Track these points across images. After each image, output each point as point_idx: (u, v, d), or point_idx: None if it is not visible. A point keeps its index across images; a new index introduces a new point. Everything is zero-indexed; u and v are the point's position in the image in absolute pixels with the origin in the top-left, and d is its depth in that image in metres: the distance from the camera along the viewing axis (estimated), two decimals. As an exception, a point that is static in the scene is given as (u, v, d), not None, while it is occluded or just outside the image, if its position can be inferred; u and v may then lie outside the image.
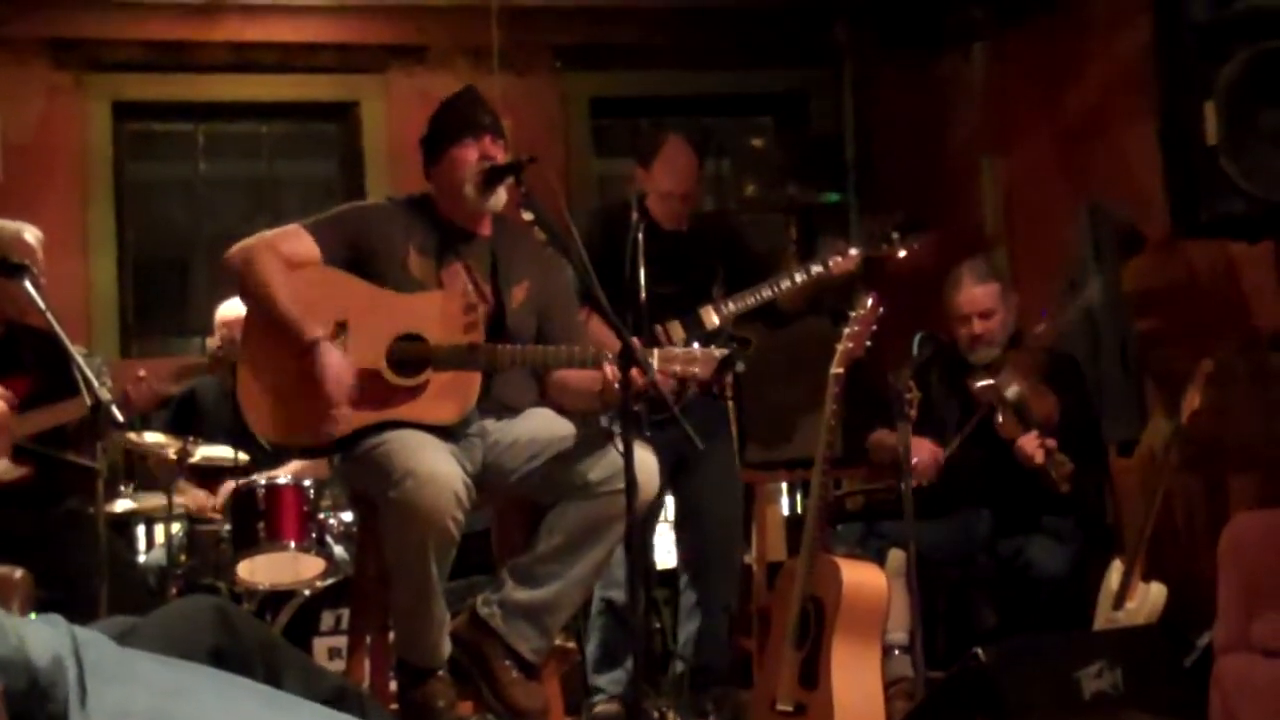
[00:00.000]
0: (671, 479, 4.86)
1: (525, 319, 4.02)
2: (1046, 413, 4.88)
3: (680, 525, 5.26)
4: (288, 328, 3.78)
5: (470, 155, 3.94)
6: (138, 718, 1.43)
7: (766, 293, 4.93)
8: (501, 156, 3.97)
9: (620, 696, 4.92)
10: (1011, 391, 4.83)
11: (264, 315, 3.86)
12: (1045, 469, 4.73)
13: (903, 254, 5.10)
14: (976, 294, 5.06)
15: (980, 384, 4.93)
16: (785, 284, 4.95)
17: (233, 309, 5.43)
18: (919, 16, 7.18)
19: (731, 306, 4.93)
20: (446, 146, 3.98)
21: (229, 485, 5.38)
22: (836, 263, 5.01)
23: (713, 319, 4.91)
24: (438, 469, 3.56)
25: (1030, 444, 4.76)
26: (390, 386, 3.78)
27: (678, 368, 3.70)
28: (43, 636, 1.46)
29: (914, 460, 4.81)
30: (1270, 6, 4.22)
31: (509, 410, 3.94)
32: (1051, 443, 4.75)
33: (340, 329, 3.81)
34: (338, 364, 3.75)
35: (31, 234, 4.74)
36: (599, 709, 4.95)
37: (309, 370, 3.75)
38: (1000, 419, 4.85)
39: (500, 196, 3.98)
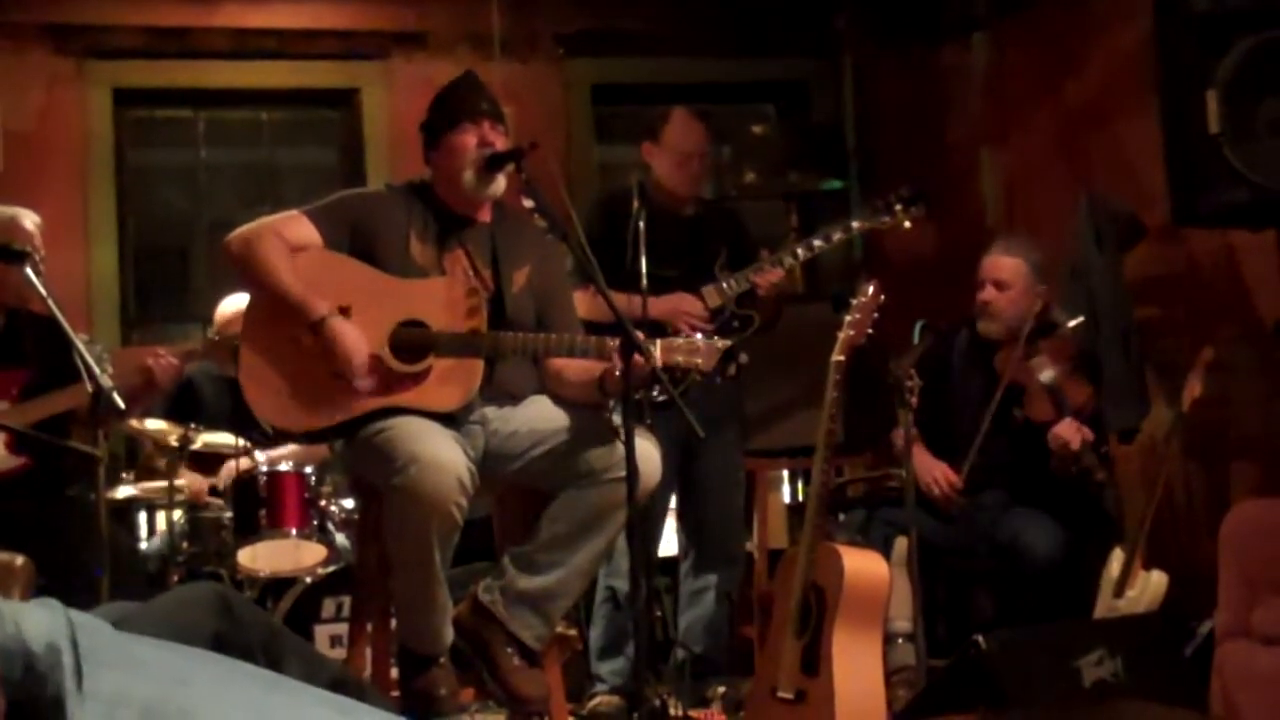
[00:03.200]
0: (677, 466, 4.87)
1: (525, 305, 4.01)
2: (1081, 400, 4.87)
3: (682, 512, 5.27)
4: (292, 308, 3.78)
5: (469, 141, 3.93)
6: (135, 703, 1.43)
7: (769, 268, 4.93)
8: (501, 142, 3.97)
9: (621, 687, 4.93)
10: (1046, 375, 4.82)
11: (266, 298, 3.86)
12: (1079, 456, 4.72)
13: (907, 225, 5.07)
14: (998, 261, 5.06)
15: (1008, 364, 4.92)
16: (788, 260, 4.96)
17: (233, 306, 5.43)
18: (919, 5, 7.17)
19: (734, 284, 4.93)
20: (445, 132, 3.98)
21: (230, 466, 5.38)
22: (838, 236, 5.02)
23: (715, 298, 4.92)
24: (442, 455, 3.56)
25: (1069, 430, 4.74)
26: (393, 373, 3.78)
27: (680, 358, 3.69)
28: (39, 621, 1.46)
29: (935, 491, 4.82)
30: (1272, -5, 4.22)
31: (511, 397, 3.93)
32: (1089, 433, 4.73)
33: (343, 314, 3.80)
34: (352, 334, 3.75)
35: (30, 220, 4.73)
36: (599, 699, 4.95)
37: (315, 351, 3.76)
38: (1030, 401, 4.83)
39: (499, 184, 3.98)
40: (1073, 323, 5.01)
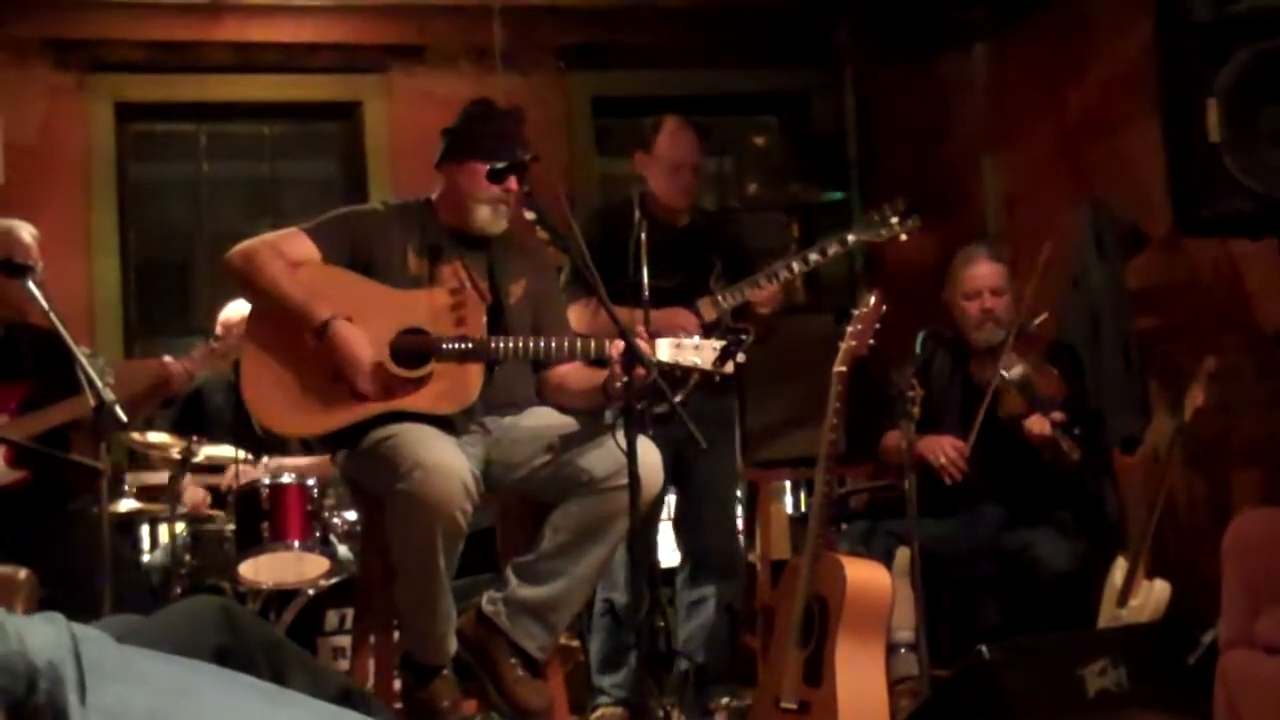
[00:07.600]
0: (672, 476, 4.86)
1: (522, 316, 4.04)
2: (1052, 390, 4.87)
3: (680, 524, 5.27)
4: (295, 314, 3.80)
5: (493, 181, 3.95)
6: (138, 716, 1.43)
7: (764, 283, 4.92)
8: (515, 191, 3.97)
9: (624, 700, 4.93)
10: (1015, 371, 4.81)
11: (268, 307, 3.88)
12: (1053, 440, 4.71)
13: (904, 238, 5.07)
14: (988, 270, 5.06)
15: (984, 370, 4.92)
16: (784, 274, 4.95)
17: (236, 310, 5.42)
18: (920, 16, 7.17)
19: (729, 299, 4.93)
20: (475, 156, 3.98)
21: (233, 470, 5.37)
22: (834, 250, 5.01)
23: (710, 311, 4.91)
24: (446, 460, 3.57)
25: (1037, 420, 4.75)
26: (394, 378, 3.80)
27: (680, 357, 3.71)
28: (42, 635, 1.46)
29: (941, 460, 4.81)
30: (1272, 5, 4.20)
31: (512, 406, 3.95)
32: (1059, 415, 4.74)
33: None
34: (357, 336, 3.77)
35: (28, 232, 4.73)
36: (602, 711, 4.95)
37: (317, 356, 3.77)
38: (1003, 399, 4.83)
39: (503, 223, 4.02)
40: (1038, 319, 5.02)
